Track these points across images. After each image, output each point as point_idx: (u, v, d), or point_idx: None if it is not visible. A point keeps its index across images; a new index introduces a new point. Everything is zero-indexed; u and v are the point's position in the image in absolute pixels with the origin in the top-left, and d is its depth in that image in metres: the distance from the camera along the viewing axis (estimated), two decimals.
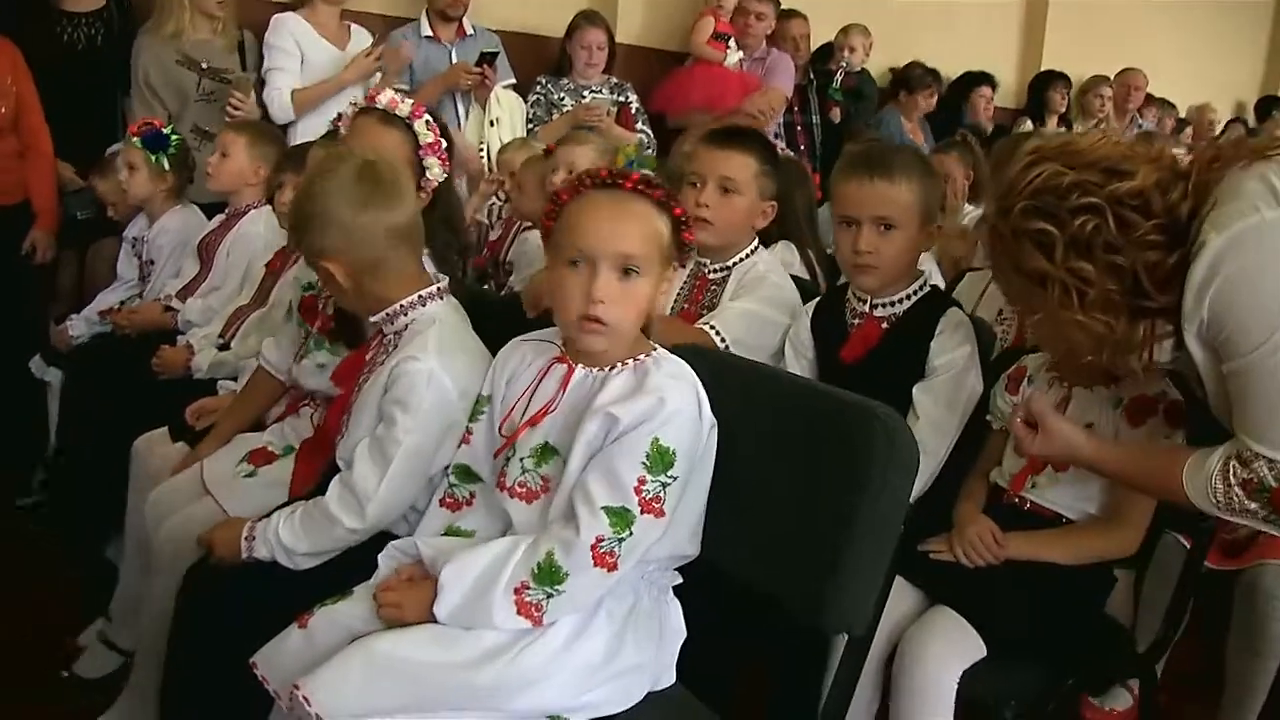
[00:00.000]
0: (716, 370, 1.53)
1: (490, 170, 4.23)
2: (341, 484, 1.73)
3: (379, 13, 4.62)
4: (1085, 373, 1.92)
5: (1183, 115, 7.01)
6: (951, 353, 1.99)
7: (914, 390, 1.97)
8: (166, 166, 3.34)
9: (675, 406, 1.43)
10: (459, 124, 4.39)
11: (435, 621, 1.45)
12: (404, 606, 1.48)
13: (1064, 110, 6.30)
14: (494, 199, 4.06)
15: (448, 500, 1.68)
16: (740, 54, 5.14)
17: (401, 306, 1.81)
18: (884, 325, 2.06)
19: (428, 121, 2.24)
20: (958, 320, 2.03)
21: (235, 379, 2.57)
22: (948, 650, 1.73)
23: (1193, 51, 6.87)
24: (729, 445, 1.53)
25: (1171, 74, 6.61)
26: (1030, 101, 6.37)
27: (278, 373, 2.27)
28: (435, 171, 2.24)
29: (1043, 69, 6.40)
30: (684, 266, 1.52)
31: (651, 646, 1.52)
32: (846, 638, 1.49)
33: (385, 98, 2.24)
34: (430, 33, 4.51)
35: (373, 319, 1.84)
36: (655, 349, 1.55)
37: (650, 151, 4.42)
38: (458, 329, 1.83)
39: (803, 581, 1.44)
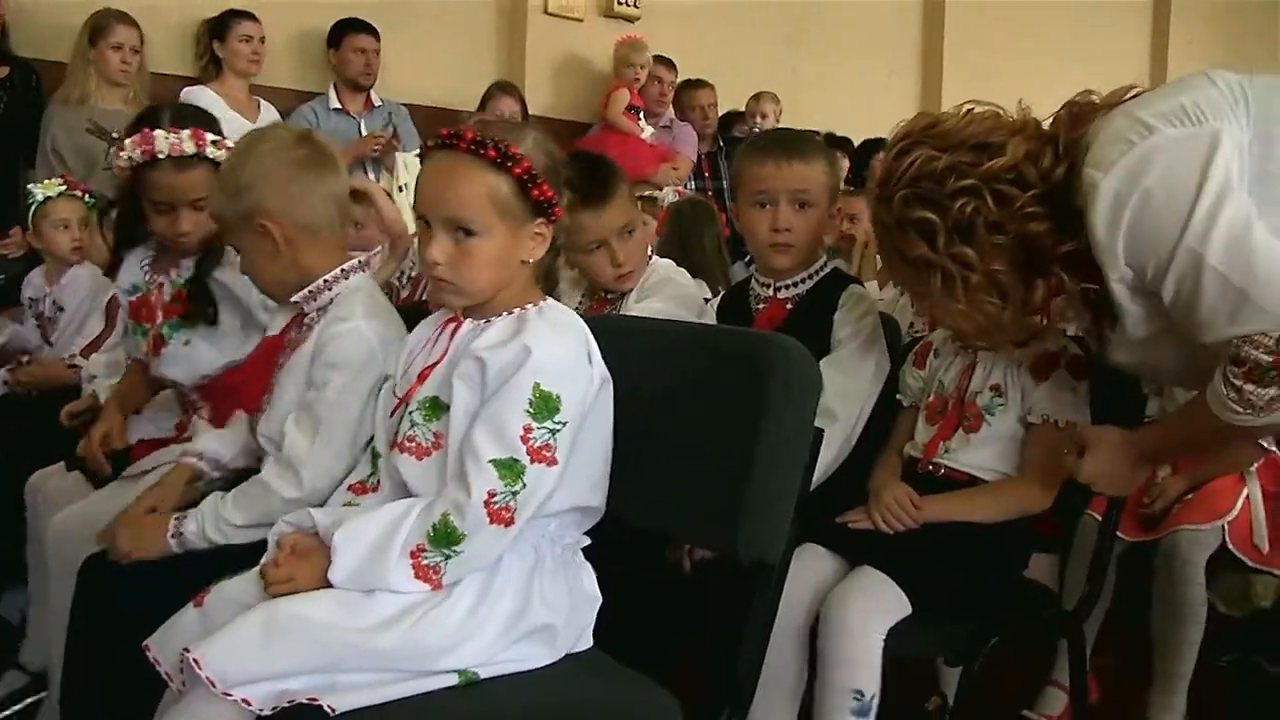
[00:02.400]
0: (612, 333, 1.52)
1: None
2: (274, 460, 1.70)
3: (289, 87, 4.68)
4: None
5: None
6: (854, 324, 2.00)
7: (820, 365, 1.96)
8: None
9: (549, 353, 1.40)
10: None
11: (330, 588, 1.40)
12: (296, 578, 1.43)
13: None
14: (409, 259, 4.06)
15: (355, 485, 1.63)
16: (651, 128, 5.27)
17: (325, 281, 1.78)
18: (788, 306, 2.08)
19: (215, 142, 2.10)
20: (859, 294, 2.06)
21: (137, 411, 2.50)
22: (871, 607, 1.71)
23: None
24: (633, 403, 1.52)
25: None
26: None
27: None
28: None
29: None
30: (553, 220, 1.49)
31: (563, 607, 1.47)
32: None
33: (164, 144, 2.03)
34: (338, 105, 4.59)
35: (294, 299, 1.81)
36: (545, 300, 1.53)
37: None
38: (380, 297, 1.83)
39: (715, 513, 1.42)
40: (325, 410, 1.67)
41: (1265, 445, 2.35)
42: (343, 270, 1.79)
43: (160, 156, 2.01)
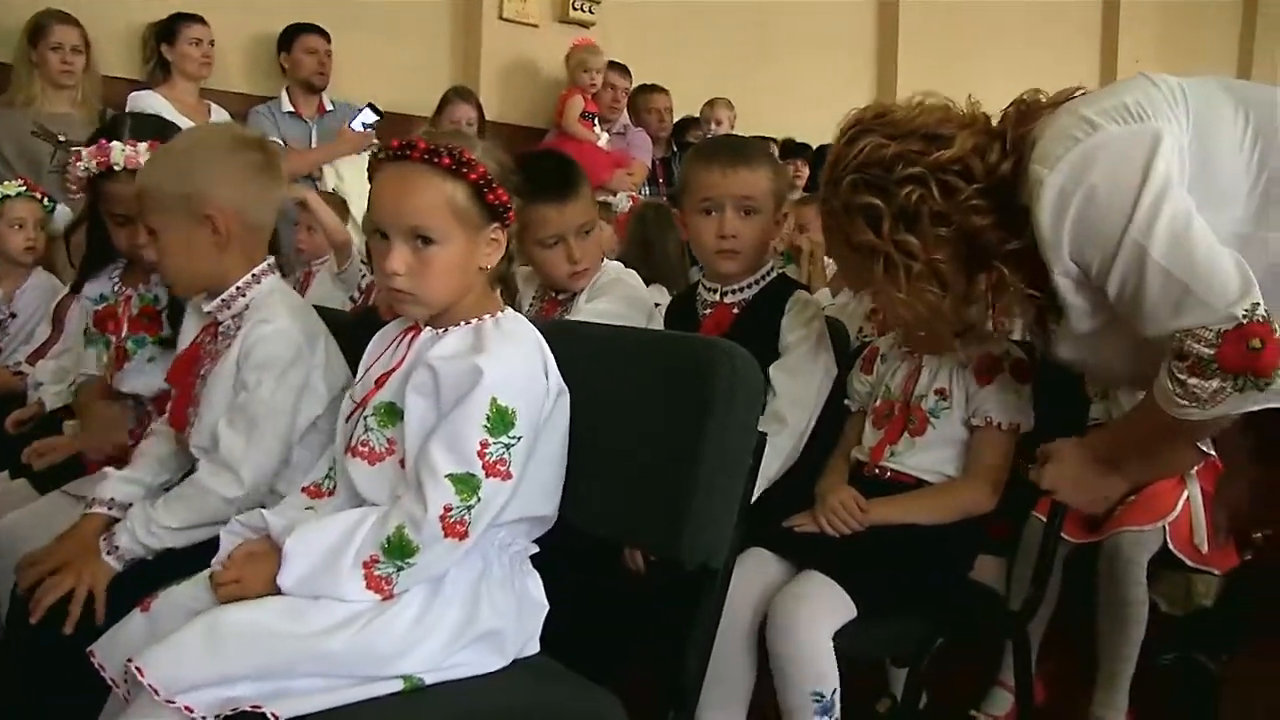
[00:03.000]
0: (559, 338, 1.53)
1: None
2: (209, 461, 1.72)
3: (240, 91, 4.65)
4: (932, 342, 1.99)
5: None
6: (802, 329, 2.02)
7: (770, 370, 1.99)
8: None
9: (505, 368, 1.41)
10: None
11: (279, 594, 1.40)
12: (245, 582, 1.43)
13: None
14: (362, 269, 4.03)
15: (310, 488, 1.63)
16: (606, 134, 5.28)
17: (238, 288, 1.80)
18: (735, 310, 2.09)
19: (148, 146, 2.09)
20: (805, 299, 2.08)
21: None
22: (817, 610, 1.73)
23: None
24: (579, 408, 1.53)
25: None
26: None
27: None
28: None
29: None
30: (508, 224, 1.50)
31: (510, 614, 1.48)
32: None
33: (119, 155, 2.04)
34: (291, 108, 4.56)
35: (206, 309, 1.82)
36: (504, 309, 1.54)
37: None
38: (295, 296, 1.88)
39: (660, 518, 1.43)
40: (259, 409, 1.70)
41: (1204, 449, 2.39)
42: (254, 275, 1.81)
43: (116, 168, 2.01)
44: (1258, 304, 1.42)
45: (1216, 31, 8.94)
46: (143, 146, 2.00)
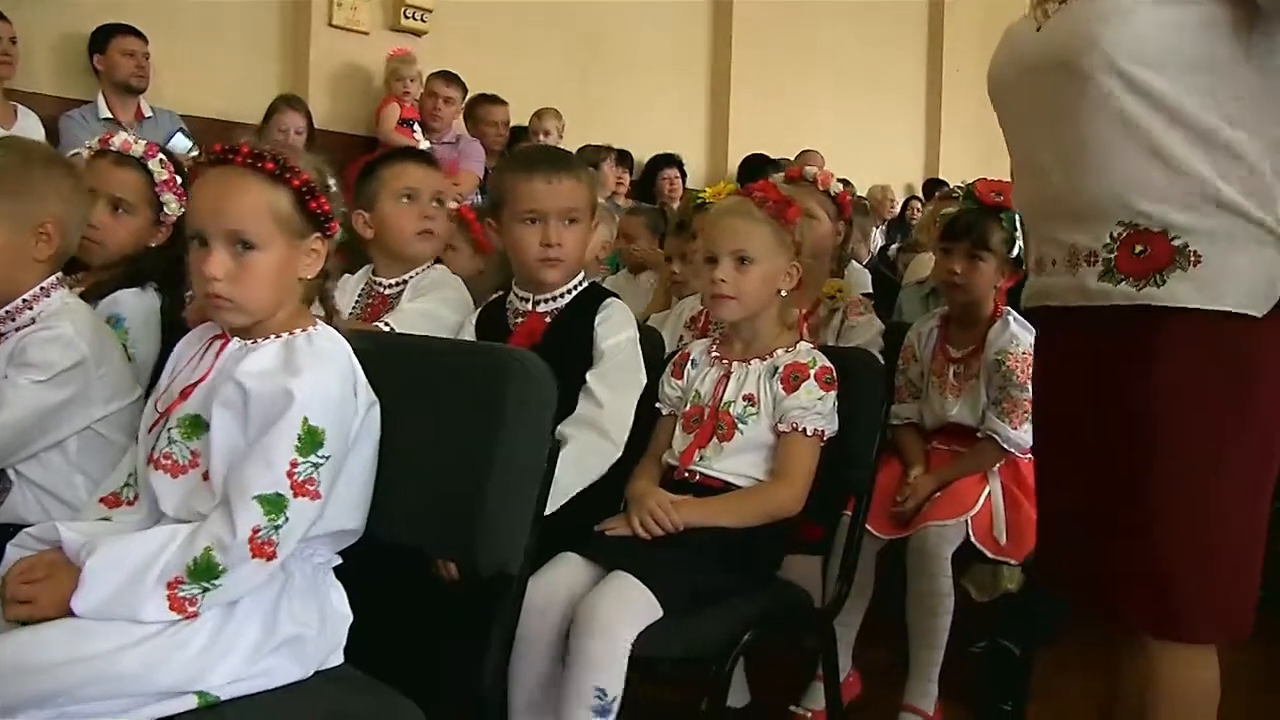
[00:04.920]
0: (369, 351, 1.53)
1: None
2: None
3: (50, 93, 4.46)
4: (744, 346, 2.09)
5: (863, 195, 7.60)
6: (616, 335, 2.05)
7: (588, 376, 2.01)
8: None
9: (316, 388, 1.41)
10: None
11: (71, 615, 1.35)
12: (37, 602, 1.37)
13: None
14: None
15: (109, 497, 1.58)
16: (429, 143, 5.22)
17: (25, 301, 1.78)
18: (547, 319, 2.11)
19: (161, 160, 2.26)
20: (618, 306, 2.11)
21: None
22: (621, 609, 1.75)
23: (863, 139, 7.49)
24: (388, 418, 1.53)
25: (846, 159, 7.16)
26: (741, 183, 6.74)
27: None
28: (173, 207, 2.27)
29: (729, 152, 6.88)
30: (329, 236, 1.50)
31: (312, 623, 1.46)
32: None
33: (118, 140, 2.26)
34: (109, 114, 4.38)
35: None
36: (316, 324, 1.52)
37: None
38: (87, 314, 1.85)
39: (456, 526, 1.45)
40: (10, 393, 1.71)
41: (1006, 448, 2.52)
42: (43, 288, 1.81)
43: None
44: None
45: None
46: None
